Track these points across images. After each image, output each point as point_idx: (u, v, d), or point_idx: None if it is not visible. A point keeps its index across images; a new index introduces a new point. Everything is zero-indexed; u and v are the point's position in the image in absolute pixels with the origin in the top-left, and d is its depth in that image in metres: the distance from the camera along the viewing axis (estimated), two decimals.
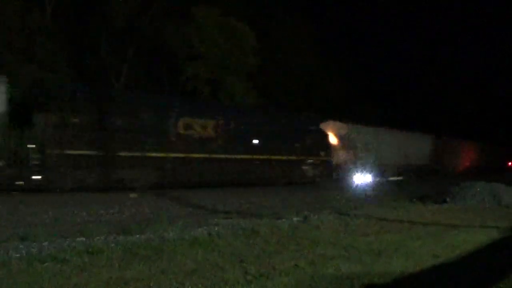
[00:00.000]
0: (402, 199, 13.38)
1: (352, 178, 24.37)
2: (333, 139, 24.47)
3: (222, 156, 17.73)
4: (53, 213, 9.28)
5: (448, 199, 12.66)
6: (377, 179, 25.80)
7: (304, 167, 21.35)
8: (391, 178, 26.27)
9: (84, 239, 5.98)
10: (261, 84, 31.60)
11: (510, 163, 50.29)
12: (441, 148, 36.86)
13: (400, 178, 28.62)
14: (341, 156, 24.81)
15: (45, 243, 5.60)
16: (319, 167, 22.08)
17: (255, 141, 19.08)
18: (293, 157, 20.65)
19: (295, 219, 8.39)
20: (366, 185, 22.03)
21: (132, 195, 13.37)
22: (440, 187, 15.94)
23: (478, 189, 12.93)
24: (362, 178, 25.54)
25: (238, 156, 18.31)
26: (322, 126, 23.79)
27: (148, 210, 10.55)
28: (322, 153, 22.29)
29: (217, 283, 4.26)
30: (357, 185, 21.12)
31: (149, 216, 9.43)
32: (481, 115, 55.65)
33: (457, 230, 7.81)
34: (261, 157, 19.05)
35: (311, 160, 21.62)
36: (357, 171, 25.06)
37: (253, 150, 18.90)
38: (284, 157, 20.18)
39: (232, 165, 17.95)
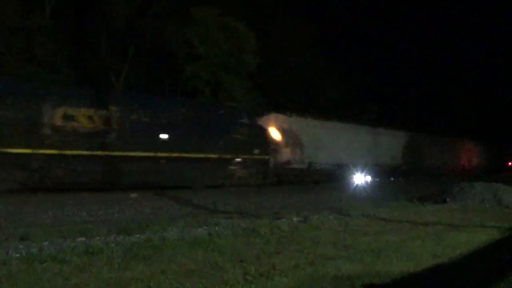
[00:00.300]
0: (402, 199, 13.39)
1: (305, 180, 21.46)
2: (276, 135, 21.11)
3: (116, 153, 14.95)
4: (53, 213, 9.29)
5: (448, 199, 12.67)
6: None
7: (231, 167, 18.24)
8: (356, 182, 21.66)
9: (84, 239, 5.98)
10: (261, 84, 31.62)
11: (510, 163, 50.24)
12: (418, 146, 33.17)
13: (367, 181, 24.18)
14: (284, 155, 21.37)
15: (45, 243, 5.60)
16: (252, 167, 18.88)
17: (163, 136, 16.14)
18: (215, 155, 17.56)
19: (295, 219, 8.39)
20: (366, 185, 21.98)
21: (133, 195, 13.39)
22: (440, 187, 15.94)
23: (478, 189, 12.93)
24: (361, 179, 25.33)
25: (139, 154, 15.46)
26: (264, 119, 20.80)
27: (148, 210, 10.56)
28: (256, 151, 19.05)
29: (217, 283, 4.26)
30: (356, 186, 21.03)
31: (149, 216, 9.44)
32: (481, 115, 55.67)
33: (457, 230, 7.82)
34: (170, 154, 16.08)
35: (240, 159, 18.47)
36: (309, 172, 22.03)
37: (160, 146, 15.95)
38: (202, 155, 17.14)
39: (130, 164, 15.20)
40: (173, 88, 28.79)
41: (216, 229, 7.04)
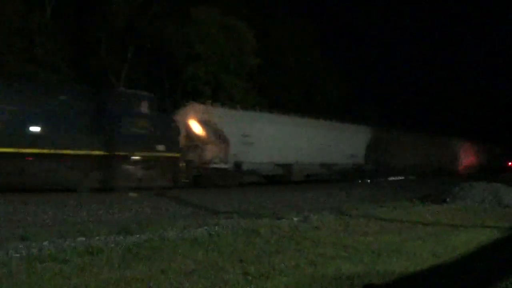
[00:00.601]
0: (402, 199, 13.39)
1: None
2: (194, 128, 18.04)
3: None
4: (53, 213, 9.28)
5: (448, 199, 12.67)
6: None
7: (127, 167, 15.15)
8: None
9: (84, 239, 5.98)
10: (261, 84, 31.63)
11: (510, 163, 50.21)
12: (386, 144, 28.84)
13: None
14: (204, 152, 17.99)
15: (45, 243, 5.59)
16: (156, 167, 15.76)
17: (33, 128, 13.41)
18: (101, 152, 14.51)
19: (295, 219, 8.39)
20: (366, 185, 21.95)
21: (133, 194, 13.36)
22: (440, 187, 15.95)
23: (478, 189, 12.93)
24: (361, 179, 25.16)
25: None
26: (182, 110, 18.06)
27: (148, 210, 10.56)
28: (160, 147, 15.87)
29: (217, 283, 4.26)
30: (356, 185, 20.95)
31: (149, 216, 9.44)
32: (481, 115, 55.69)
33: (457, 230, 7.82)
34: (40, 151, 13.39)
35: (139, 157, 15.37)
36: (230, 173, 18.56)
37: (25, 141, 13.14)
38: (83, 152, 14.14)
39: None
40: (173, 88, 28.82)
41: (216, 229, 7.03)
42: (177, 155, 16.61)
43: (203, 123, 18.20)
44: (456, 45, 76.52)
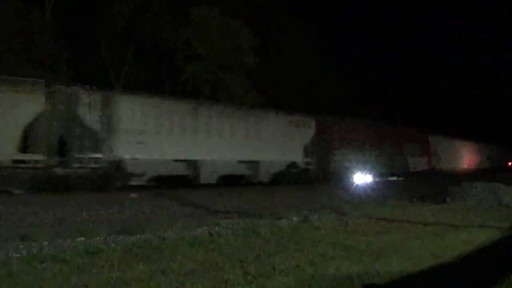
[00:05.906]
0: (402, 199, 13.39)
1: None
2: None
3: None
4: (53, 213, 9.28)
5: (448, 199, 12.66)
6: None
7: None
8: None
9: (84, 239, 5.98)
10: (261, 84, 31.61)
11: (510, 163, 50.22)
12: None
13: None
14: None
15: (45, 243, 5.60)
16: None
17: None
18: None
19: (295, 219, 8.39)
20: (366, 185, 21.87)
21: (132, 195, 13.35)
22: (440, 187, 15.95)
23: (478, 189, 12.94)
24: (362, 178, 24.95)
25: None
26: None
27: (148, 210, 10.55)
28: None
29: (217, 283, 4.26)
30: (357, 185, 20.90)
31: (149, 216, 9.44)
32: (481, 115, 55.69)
33: (457, 230, 7.82)
34: None
35: None
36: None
37: None
38: None
39: None
40: (173, 88, 28.82)
41: (216, 229, 7.03)
42: None
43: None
44: (456, 45, 76.59)
